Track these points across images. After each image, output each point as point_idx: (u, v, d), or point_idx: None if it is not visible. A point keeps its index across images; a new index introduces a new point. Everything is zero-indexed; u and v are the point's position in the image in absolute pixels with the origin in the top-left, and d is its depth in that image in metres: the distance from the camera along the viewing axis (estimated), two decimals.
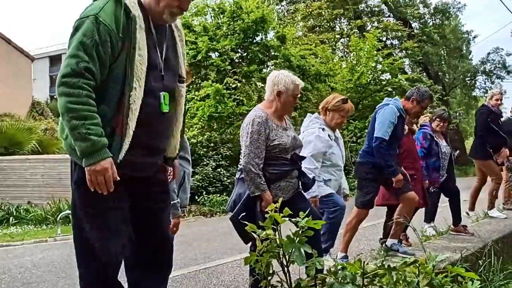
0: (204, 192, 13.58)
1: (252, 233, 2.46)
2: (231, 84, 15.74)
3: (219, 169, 14.42)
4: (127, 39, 2.15)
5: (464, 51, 35.69)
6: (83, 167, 2.11)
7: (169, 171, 2.63)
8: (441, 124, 6.07)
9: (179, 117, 2.52)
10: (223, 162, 14.68)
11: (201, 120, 15.35)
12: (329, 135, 4.39)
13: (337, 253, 4.77)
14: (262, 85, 16.74)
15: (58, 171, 13.16)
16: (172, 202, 2.93)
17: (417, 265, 2.50)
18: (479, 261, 4.33)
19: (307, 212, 2.41)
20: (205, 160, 14.44)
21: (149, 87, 2.23)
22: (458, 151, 7.81)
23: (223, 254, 6.69)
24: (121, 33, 2.14)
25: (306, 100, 16.66)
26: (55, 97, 55.32)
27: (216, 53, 16.36)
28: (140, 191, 2.35)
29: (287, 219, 2.36)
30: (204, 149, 14.80)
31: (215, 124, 15.91)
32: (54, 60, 61.82)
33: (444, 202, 6.29)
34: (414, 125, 5.79)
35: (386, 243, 4.90)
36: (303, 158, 3.68)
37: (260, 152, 3.35)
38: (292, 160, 3.49)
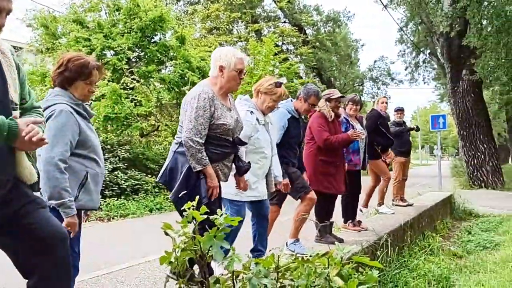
0: (100, 196, 13.03)
1: (169, 231, 2.44)
2: (128, 84, 15.28)
3: (116, 172, 13.91)
4: None
5: (353, 58, 37.94)
6: None
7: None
8: (354, 106, 6.39)
9: None
10: (120, 165, 14.19)
11: (96, 121, 14.74)
12: (257, 119, 4.21)
13: (287, 240, 4.85)
14: (161, 86, 16.50)
15: None
16: (56, 203, 2.76)
17: (327, 257, 2.65)
18: (377, 252, 4.67)
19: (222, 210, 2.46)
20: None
21: None
22: None
23: (124, 258, 6.49)
24: None
25: None
26: None
27: (112, 52, 15.80)
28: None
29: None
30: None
31: (111, 125, 15.35)
32: None
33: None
34: (340, 109, 5.93)
35: (287, 242, 5.05)
36: (245, 143, 3.64)
37: (203, 129, 3.27)
38: (234, 143, 3.44)
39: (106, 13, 16.63)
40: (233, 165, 3.61)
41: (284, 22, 31.88)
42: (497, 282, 4.84)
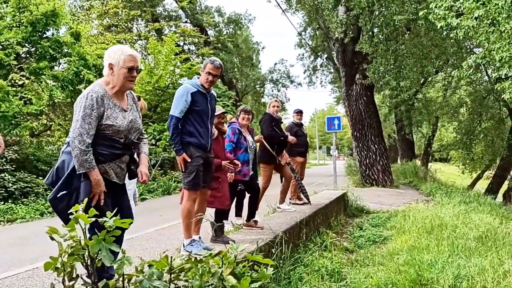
0: None
1: (54, 236, 2.31)
2: (17, 81, 14.32)
3: (3, 174, 12.96)
4: None
5: (255, 61, 38.65)
6: None
7: None
8: (246, 116, 6.53)
9: None
10: (8, 167, 13.23)
11: None
12: None
13: (183, 241, 4.73)
14: (54, 83, 15.63)
15: None
16: None
17: (221, 256, 2.66)
18: (272, 249, 4.78)
19: (116, 210, 2.38)
20: None
21: None
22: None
23: (10, 266, 6.05)
24: None
25: None
26: None
27: None
28: None
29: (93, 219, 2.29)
30: None
31: None
32: None
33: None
34: (224, 125, 6.03)
35: (184, 243, 5.00)
36: (137, 143, 3.52)
37: (90, 128, 3.14)
38: (126, 144, 3.33)
39: None
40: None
41: (186, 22, 31.70)
42: (384, 274, 5.17)
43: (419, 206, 10.62)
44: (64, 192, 3.02)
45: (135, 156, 3.56)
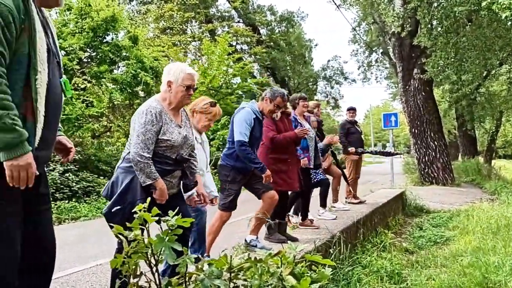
0: (51, 199, 12.66)
1: (119, 234, 2.39)
2: (79, 85, 14.92)
3: (67, 174, 13.55)
4: (26, 20, 2.03)
5: (307, 58, 38.41)
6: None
7: None
8: (305, 103, 6.49)
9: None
10: (71, 167, 13.83)
11: None
12: (196, 138, 4.27)
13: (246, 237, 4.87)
14: (113, 86, 16.17)
15: None
16: None
17: (280, 256, 2.65)
18: (330, 250, 4.73)
19: (176, 210, 2.42)
20: (51, 164, 13.47)
21: (50, 73, 2.15)
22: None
23: (75, 262, 6.32)
24: (22, 14, 2.01)
25: None
26: None
27: (63, 52, 15.37)
28: (31, 191, 2.15)
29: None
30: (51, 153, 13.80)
31: (62, 126, 14.92)
32: None
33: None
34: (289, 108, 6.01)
35: (246, 239, 5.07)
36: (188, 160, 3.61)
37: (150, 144, 3.24)
38: (177, 160, 3.41)
39: (56, 13, 16.15)
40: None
41: (238, 22, 31.96)
42: (447, 276, 5.00)
43: (484, 206, 10.19)
44: (118, 207, 3.14)
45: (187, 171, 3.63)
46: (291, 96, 6.75)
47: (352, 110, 9.35)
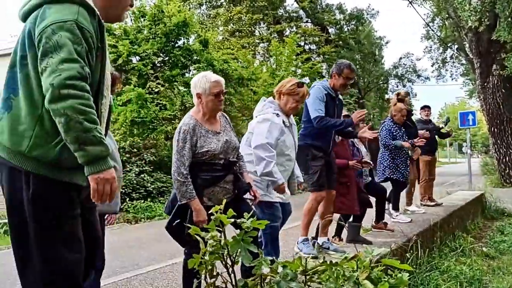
0: (128, 199, 13.22)
1: (196, 235, 2.44)
2: (153, 89, 15.47)
3: (142, 175, 14.10)
4: (100, 48, 2.11)
5: (378, 56, 37.53)
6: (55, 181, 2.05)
7: None
8: (365, 125, 6.32)
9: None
10: (146, 168, 14.38)
11: (123, 125, 14.95)
12: (283, 121, 4.18)
13: (298, 238, 4.79)
14: (185, 89, 16.60)
15: None
16: None
17: (356, 259, 2.61)
18: (407, 254, 4.58)
19: (251, 213, 2.44)
20: (128, 166, 14.05)
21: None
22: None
23: (152, 260, 6.55)
24: (99, 41, 2.09)
25: (229, 105, 16.74)
26: None
27: (137, 57, 16.01)
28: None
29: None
30: (127, 155, 14.41)
31: (137, 129, 15.54)
32: None
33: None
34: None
35: (318, 241, 5.03)
36: (236, 162, 3.65)
37: (186, 160, 3.32)
38: (225, 165, 3.46)
39: (131, 20, 16.85)
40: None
41: (307, 22, 31.81)
42: None
43: None
44: (178, 221, 3.24)
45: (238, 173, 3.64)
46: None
47: (426, 108, 9.01)
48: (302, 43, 29.13)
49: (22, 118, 2.04)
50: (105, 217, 3.74)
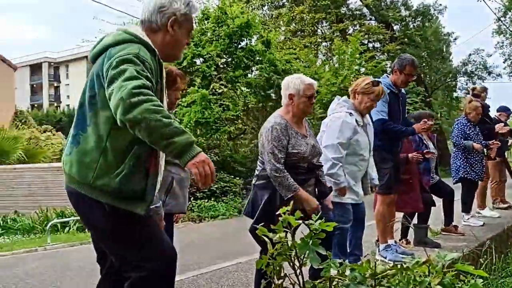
0: (192, 198, 13.51)
1: (263, 236, 2.45)
2: (217, 90, 15.71)
3: None
4: (159, 82, 2.28)
5: (445, 53, 36.13)
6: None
7: None
8: (432, 122, 6.10)
9: None
10: None
11: (188, 126, 15.30)
12: (356, 121, 4.14)
13: (379, 246, 4.75)
14: (248, 90, 16.76)
15: (44, 180, 13.02)
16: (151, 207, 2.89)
17: (428, 264, 2.53)
18: (480, 259, 4.39)
19: (319, 214, 2.42)
20: None
21: None
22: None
23: (217, 259, 6.66)
24: (158, 77, 2.27)
25: None
26: (35, 105, 54.56)
27: (201, 59, 16.31)
28: None
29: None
30: None
31: (201, 129, 15.85)
32: (35, 69, 61.29)
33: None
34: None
35: (379, 247, 4.91)
36: (320, 166, 3.63)
37: (281, 157, 3.33)
38: (309, 168, 3.47)
39: (195, 22, 17.19)
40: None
41: (370, 19, 31.17)
42: None
43: None
44: (262, 224, 3.23)
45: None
46: (416, 113, 6.41)
47: (507, 112, 8.35)
48: (366, 41, 28.56)
49: (88, 151, 2.23)
50: (174, 216, 3.83)
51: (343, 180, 3.91)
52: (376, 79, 4.37)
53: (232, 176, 15.14)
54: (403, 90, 4.91)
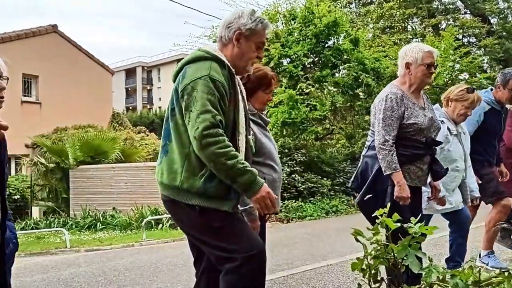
0: (280, 198, 13.58)
1: (359, 238, 2.40)
2: (304, 90, 15.68)
3: (293, 175, 14.37)
4: (232, 93, 2.51)
5: None
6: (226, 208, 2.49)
7: None
8: None
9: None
10: (297, 168, 14.63)
11: (275, 126, 15.41)
12: (449, 129, 3.98)
13: (480, 252, 4.59)
14: (335, 89, 16.57)
15: (140, 179, 13.70)
16: (243, 208, 2.91)
17: None
18: None
19: (418, 217, 2.33)
20: None
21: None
22: None
23: (306, 260, 6.62)
24: (230, 88, 2.50)
25: None
26: (130, 108, 57.66)
27: (288, 59, 16.36)
28: None
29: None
30: (279, 155, 14.80)
31: (288, 130, 15.91)
32: (130, 73, 64.89)
33: None
34: None
35: (480, 253, 4.68)
36: (440, 143, 3.46)
37: (392, 130, 3.21)
38: (427, 143, 3.30)
39: (282, 23, 17.28)
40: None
41: (465, 13, 29.56)
42: None
43: None
44: (370, 195, 3.14)
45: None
46: None
47: None
48: (460, 36, 27.14)
49: (175, 159, 2.51)
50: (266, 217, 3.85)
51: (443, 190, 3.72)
52: (471, 86, 4.15)
53: (320, 177, 15.04)
54: (507, 106, 4.62)
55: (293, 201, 13.58)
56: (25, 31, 21.50)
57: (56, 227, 12.50)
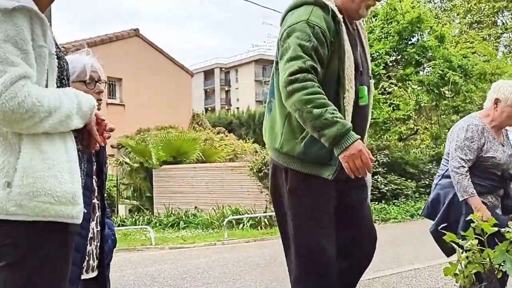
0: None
1: (452, 243, 2.32)
2: (386, 89, 15.29)
3: (376, 176, 14.02)
4: (336, 42, 2.20)
5: None
6: (299, 173, 2.23)
7: None
8: None
9: (370, 111, 2.54)
10: (380, 169, 14.26)
11: None
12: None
13: None
14: (419, 88, 16.00)
15: (221, 179, 14.02)
16: None
17: None
18: None
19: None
20: None
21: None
22: None
23: (391, 263, 6.43)
24: (332, 36, 2.19)
25: (470, 102, 15.49)
26: (209, 109, 59.03)
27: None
28: (340, 189, 2.34)
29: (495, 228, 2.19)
30: None
31: (370, 130, 15.57)
32: (208, 74, 66.59)
33: None
34: None
35: None
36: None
37: (468, 159, 3.13)
38: (503, 177, 3.23)
39: (363, 21, 16.97)
40: None
41: None
42: None
43: None
44: (445, 224, 3.03)
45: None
46: None
47: None
48: None
49: (276, 118, 2.29)
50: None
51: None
52: None
53: (404, 179, 14.58)
54: None
55: (376, 203, 13.27)
56: (109, 36, 22.71)
57: (141, 225, 13.11)
